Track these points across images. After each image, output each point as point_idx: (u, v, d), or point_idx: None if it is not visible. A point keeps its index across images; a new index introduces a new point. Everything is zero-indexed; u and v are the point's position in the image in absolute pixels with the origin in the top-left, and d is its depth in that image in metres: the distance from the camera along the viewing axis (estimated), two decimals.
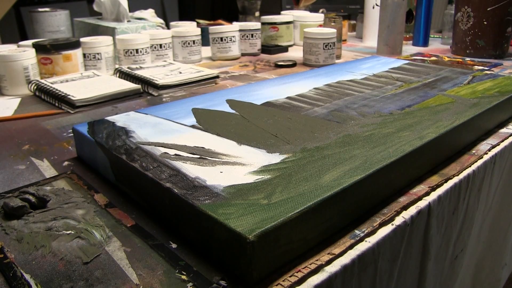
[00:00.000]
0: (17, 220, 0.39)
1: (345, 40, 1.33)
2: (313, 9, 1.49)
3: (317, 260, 0.33)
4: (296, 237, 0.33)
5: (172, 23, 1.22)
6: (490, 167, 0.54)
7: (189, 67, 0.92)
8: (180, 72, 0.86)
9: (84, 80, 0.82)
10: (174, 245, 0.35)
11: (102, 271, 0.32)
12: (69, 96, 0.71)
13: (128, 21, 1.16)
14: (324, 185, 0.36)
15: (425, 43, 1.22)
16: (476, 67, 0.96)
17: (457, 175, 0.47)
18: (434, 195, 0.43)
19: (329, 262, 0.34)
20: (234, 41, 1.10)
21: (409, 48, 1.19)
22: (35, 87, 0.79)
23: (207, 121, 0.51)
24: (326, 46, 0.98)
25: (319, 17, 1.26)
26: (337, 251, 0.34)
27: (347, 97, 0.60)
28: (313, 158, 0.41)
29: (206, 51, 1.16)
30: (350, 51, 1.19)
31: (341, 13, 1.56)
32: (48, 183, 0.45)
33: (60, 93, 0.73)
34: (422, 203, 0.42)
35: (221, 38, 1.09)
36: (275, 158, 0.41)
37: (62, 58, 0.85)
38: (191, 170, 0.39)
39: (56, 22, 1.20)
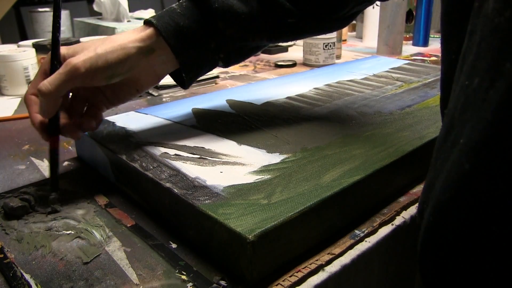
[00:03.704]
0: (17, 220, 0.39)
1: (345, 40, 1.33)
2: None
3: (317, 260, 0.33)
4: (296, 237, 0.33)
5: None
6: None
7: None
8: None
9: None
10: (174, 245, 0.35)
11: (102, 271, 0.32)
12: None
13: (128, 21, 1.16)
14: (324, 185, 0.36)
15: (425, 43, 1.22)
16: None
17: None
18: None
19: (329, 262, 0.34)
20: None
21: (409, 48, 1.19)
22: None
23: (207, 121, 0.51)
24: (326, 46, 0.98)
25: None
26: (337, 251, 0.34)
27: (347, 97, 0.60)
28: (313, 158, 0.41)
29: None
30: (350, 51, 1.19)
31: None
32: (48, 183, 0.45)
33: None
34: None
35: None
36: (275, 158, 0.41)
37: None
38: (191, 170, 0.39)
39: None
